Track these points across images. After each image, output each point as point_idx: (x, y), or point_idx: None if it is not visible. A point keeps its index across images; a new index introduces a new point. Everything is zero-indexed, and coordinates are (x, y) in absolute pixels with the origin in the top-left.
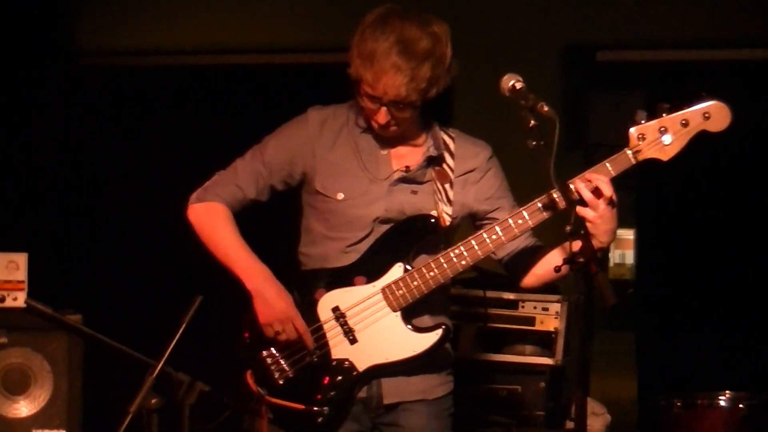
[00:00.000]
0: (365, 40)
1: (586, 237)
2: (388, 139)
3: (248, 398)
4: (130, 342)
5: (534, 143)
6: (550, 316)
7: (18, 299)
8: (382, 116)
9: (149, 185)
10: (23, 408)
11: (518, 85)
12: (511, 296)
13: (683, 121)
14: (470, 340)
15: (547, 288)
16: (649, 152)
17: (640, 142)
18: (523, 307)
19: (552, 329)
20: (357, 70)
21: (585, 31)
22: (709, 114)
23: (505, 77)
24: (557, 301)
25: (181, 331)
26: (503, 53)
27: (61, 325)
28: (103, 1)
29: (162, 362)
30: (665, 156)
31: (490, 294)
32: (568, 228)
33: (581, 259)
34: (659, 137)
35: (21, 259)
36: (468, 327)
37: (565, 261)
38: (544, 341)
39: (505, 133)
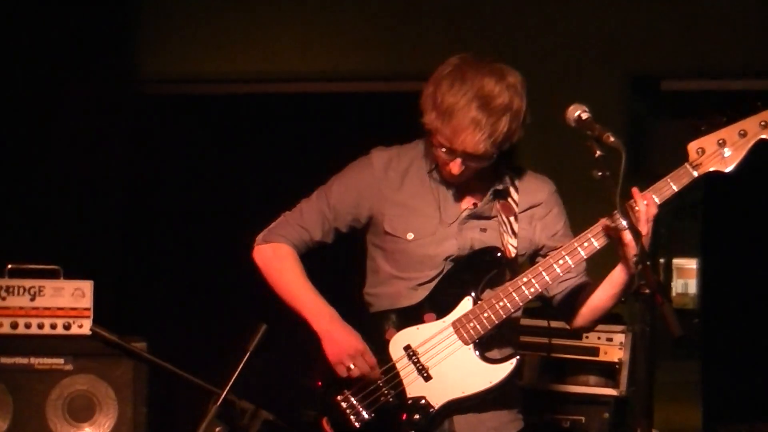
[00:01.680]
0: (443, 94)
1: (651, 267)
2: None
3: None
4: (194, 370)
5: (600, 174)
6: (614, 347)
7: (84, 326)
8: (457, 167)
9: (214, 212)
10: None
11: (584, 116)
12: None
13: (741, 132)
14: (534, 369)
15: (611, 318)
16: (709, 165)
17: (700, 156)
18: (587, 337)
19: (616, 360)
20: (433, 122)
21: (650, 60)
22: (765, 122)
23: (571, 107)
24: (621, 332)
25: (245, 360)
26: (569, 82)
27: (126, 352)
28: (168, 29)
29: (226, 390)
30: (725, 167)
31: (554, 324)
32: (635, 257)
33: (647, 290)
34: (718, 149)
35: (87, 286)
36: (531, 357)
37: (631, 291)
38: (607, 372)
39: (570, 162)
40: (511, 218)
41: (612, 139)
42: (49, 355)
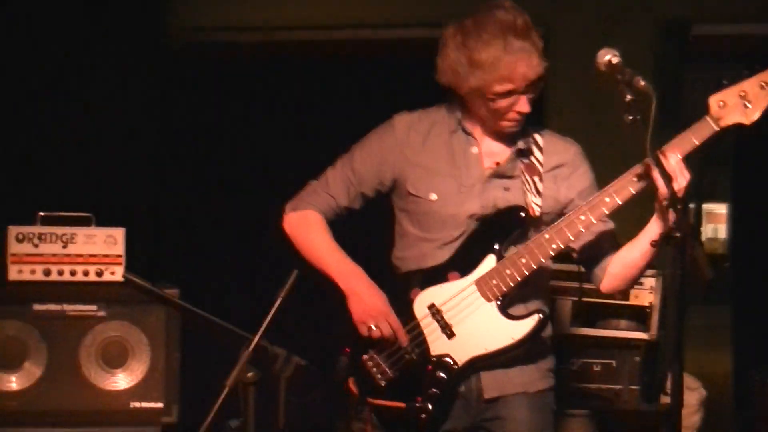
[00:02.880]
0: (474, 54)
1: (684, 211)
2: (477, 138)
3: (351, 404)
4: (227, 316)
5: (630, 118)
6: (644, 291)
7: (116, 273)
8: (526, 104)
9: (245, 162)
10: (121, 381)
11: (614, 60)
12: None
13: (762, 84)
14: (565, 314)
15: None
16: (730, 118)
17: (721, 108)
18: None
19: (647, 304)
20: (481, 80)
21: (680, 4)
22: None
23: (601, 51)
24: (652, 276)
25: (277, 306)
26: (598, 27)
27: (159, 298)
28: None
29: (258, 336)
30: (747, 120)
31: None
32: (665, 202)
33: (678, 234)
34: (739, 101)
35: (119, 234)
36: (563, 302)
37: (663, 235)
38: (638, 316)
39: (601, 109)
40: (536, 178)
41: (642, 83)
42: (82, 302)
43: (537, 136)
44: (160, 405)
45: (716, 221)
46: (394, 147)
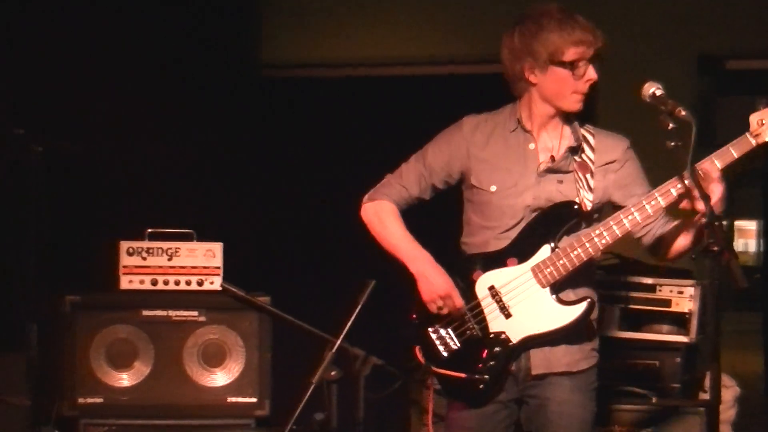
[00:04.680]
0: (546, 28)
1: (720, 227)
2: (534, 135)
3: (416, 370)
4: (312, 321)
5: (672, 144)
6: (684, 299)
7: (215, 283)
8: (594, 72)
9: (329, 183)
10: (219, 378)
11: (658, 92)
12: (649, 281)
13: None
14: (613, 320)
15: (682, 273)
16: (767, 135)
17: (760, 127)
18: (660, 290)
19: (686, 310)
20: (553, 46)
21: (716, 41)
22: None
23: (647, 85)
24: (691, 285)
25: (357, 311)
26: (643, 62)
27: (253, 305)
28: (289, 17)
29: (340, 339)
30: None
31: (631, 279)
32: (703, 219)
33: (715, 248)
34: None
35: (217, 248)
36: (611, 308)
37: (701, 250)
38: (679, 321)
39: (644, 135)
40: (587, 175)
41: (683, 113)
42: (185, 308)
43: (588, 135)
44: (253, 400)
45: (746, 236)
46: (461, 144)
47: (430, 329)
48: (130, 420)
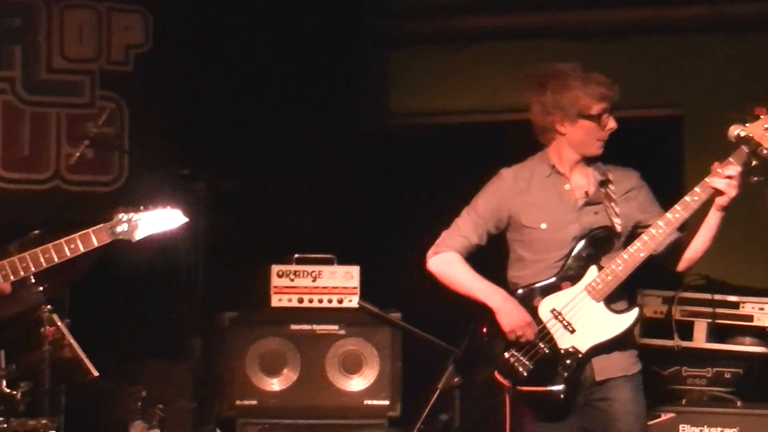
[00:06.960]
0: (573, 97)
1: None
2: (567, 177)
3: (498, 391)
4: (438, 333)
5: (755, 179)
6: (765, 314)
7: (353, 301)
8: (614, 122)
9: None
10: (357, 384)
11: (742, 134)
12: (733, 298)
13: None
14: (702, 333)
15: (763, 292)
16: None
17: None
18: (743, 307)
19: (767, 324)
20: (582, 102)
21: None
22: None
23: (732, 127)
24: None
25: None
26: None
27: (386, 320)
28: (409, 72)
29: (463, 349)
30: None
31: (717, 297)
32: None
33: None
34: None
35: (355, 270)
36: (700, 323)
37: None
38: (760, 334)
39: None
40: (612, 203)
41: (765, 152)
42: (327, 323)
43: (605, 171)
44: (386, 402)
45: None
46: (507, 192)
47: (506, 354)
48: (279, 419)
